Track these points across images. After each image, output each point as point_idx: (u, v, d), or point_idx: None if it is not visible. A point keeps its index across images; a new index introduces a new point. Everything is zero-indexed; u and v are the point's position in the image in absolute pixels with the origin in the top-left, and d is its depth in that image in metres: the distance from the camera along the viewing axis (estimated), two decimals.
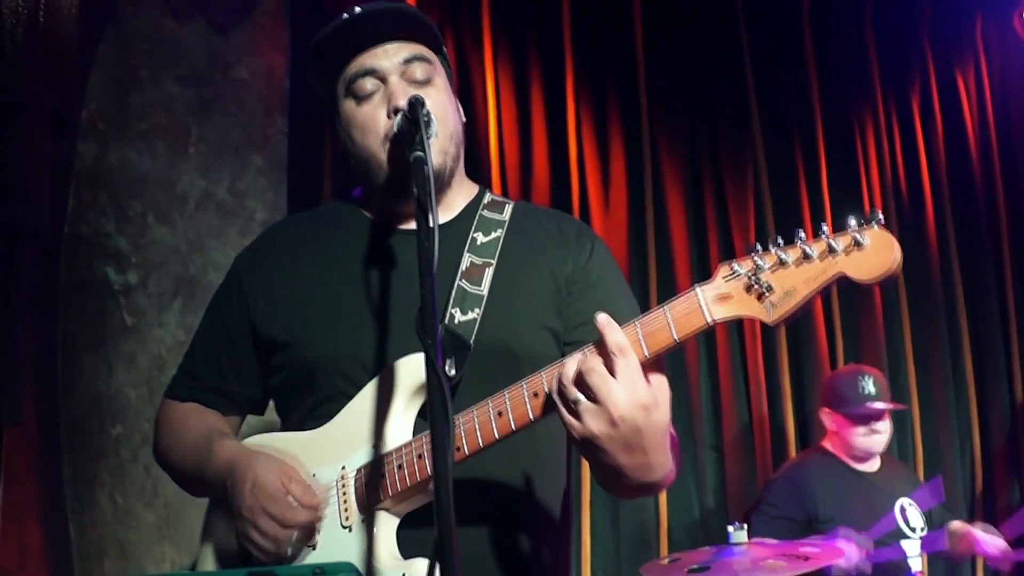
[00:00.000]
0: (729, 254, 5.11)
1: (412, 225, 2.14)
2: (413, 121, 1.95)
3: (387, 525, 1.99)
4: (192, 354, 2.36)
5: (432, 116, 2.00)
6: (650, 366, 1.80)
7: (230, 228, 4.32)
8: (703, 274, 5.04)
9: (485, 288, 2.13)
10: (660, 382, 1.84)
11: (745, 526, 3.60)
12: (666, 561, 3.73)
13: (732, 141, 5.26)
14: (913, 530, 4.42)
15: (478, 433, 1.91)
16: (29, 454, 3.74)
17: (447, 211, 2.24)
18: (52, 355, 3.98)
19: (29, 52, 3.42)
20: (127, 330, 4.17)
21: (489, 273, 2.15)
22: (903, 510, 4.45)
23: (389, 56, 2.15)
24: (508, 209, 2.29)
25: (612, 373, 1.74)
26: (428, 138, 1.91)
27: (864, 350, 5.28)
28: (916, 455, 5.29)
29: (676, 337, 1.79)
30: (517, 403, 1.88)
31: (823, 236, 1.74)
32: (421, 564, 1.91)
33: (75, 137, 4.08)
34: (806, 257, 1.74)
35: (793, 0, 5.51)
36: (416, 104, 1.95)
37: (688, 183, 5.16)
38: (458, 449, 1.91)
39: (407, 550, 1.97)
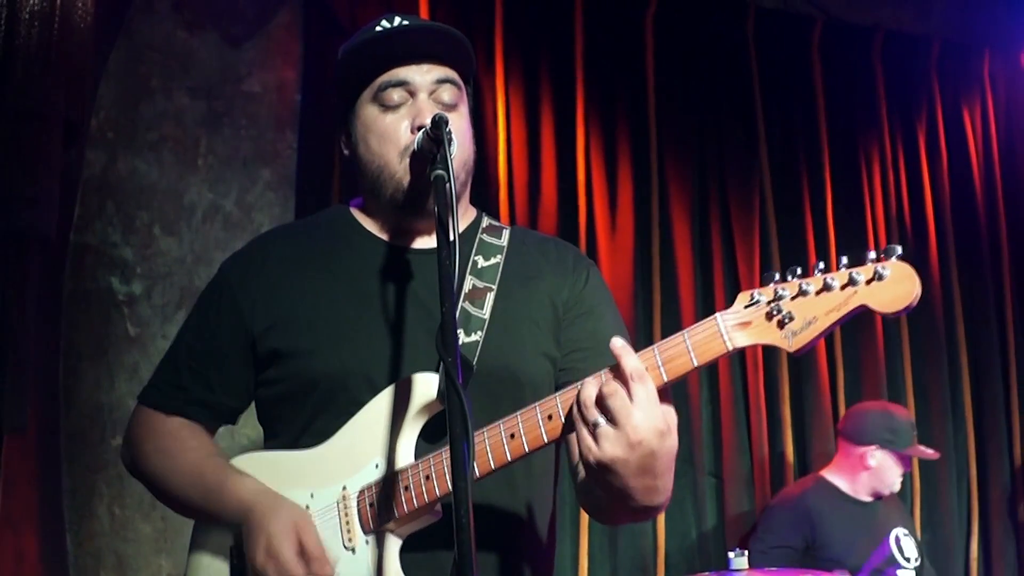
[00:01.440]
0: (733, 281, 5.13)
1: (417, 244, 2.20)
2: (436, 140, 1.95)
3: (392, 547, 1.99)
4: (175, 363, 2.27)
5: (455, 137, 1.99)
6: (660, 394, 1.80)
7: (236, 241, 4.31)
8: (707, 300, 5.08)
9: (487, 312, 2.13)
10: (669, 410, 1.84)
11: (746, 553, 3.60)
12: None
13: (740, 170, 5.28)
14: (907, 560, 4.46)
15: (489, 456, 1.91)
16: (29, 463, 3.71)
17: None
18: (54, 364, 3.97)
19: (43, 59, 3.41)
20: (130, 341, 4.17)
21: (490, 298, 2.15)
22: (898, 540, 4.49)
23: (423, 74, 2.14)
24: (506, 234, 2.29)
25: (630, 398, 1.74)
26: (450, 156, 1.91)
27: (865, 382, 5.29)
28: (914, 488, 5.29)
29: (696, 363, 1.80)
30: (531, 426, 1.88)
31: (843, 268, 1.76)
32: None
33: (84, 145, 4.08)
34: (827, 287, 1.75)
35: (803, 33, 5.55)
36: (440, 122, 1.95)
37: (695, 210, 5.17)
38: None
39: (410, 572, 1.97)
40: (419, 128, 2.07)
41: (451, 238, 1.80)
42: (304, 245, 2.25)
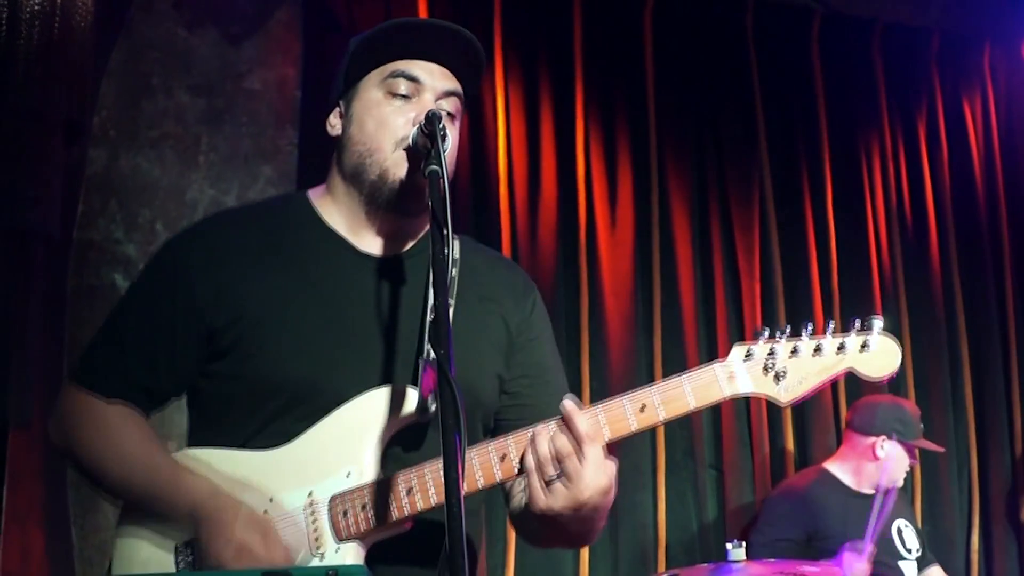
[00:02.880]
0: (734, 276, 5.14)
1: (384, 250, 2.18)
2: (429, 135, 1.96)
3: (359, 555, 2.00)
4: (120, 343, 2.15)
5: (448, 134, 2.00)
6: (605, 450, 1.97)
7: None
8: (707, 295, 5.09)
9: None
10: (611, 466, 1.97)
11: (744, 544, 3.62)
12: None
13: (739, 164, 5.29)
14: (909, 551, 4.48)
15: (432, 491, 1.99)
16: (34, 457, 3.75)
17: (409, 240, 2.22)
18: (59, 360, 4.00)
19: (44, 58, 3.44)
20: None
21: (449, 313, 2.13)
22: (900, 531, 4.50)
23: (435, 77, 2.14)
24: (456, 246, 2.22)
25: (581, 458, 1.91)
26: (443, 152, 1.92)
27: None
28: (914, 480, 5.30)
29: (693, 406, 2.01)
30: (484, 464, 2.00)
31: (833, 335, 2.00)
32: None
33: (86, 144, 4.11)
34: (819, 350, 2.00)
35: (802, 25, 5.55)
36: (433, 117, 1.95)
37: (695, 205, 5.18)
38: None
39: None
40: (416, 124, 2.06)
41: (446, 236, 1.83)
42: (266, 237, 2.19)
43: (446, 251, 1.84)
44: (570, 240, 4.87)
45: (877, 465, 4.48)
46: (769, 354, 2.00)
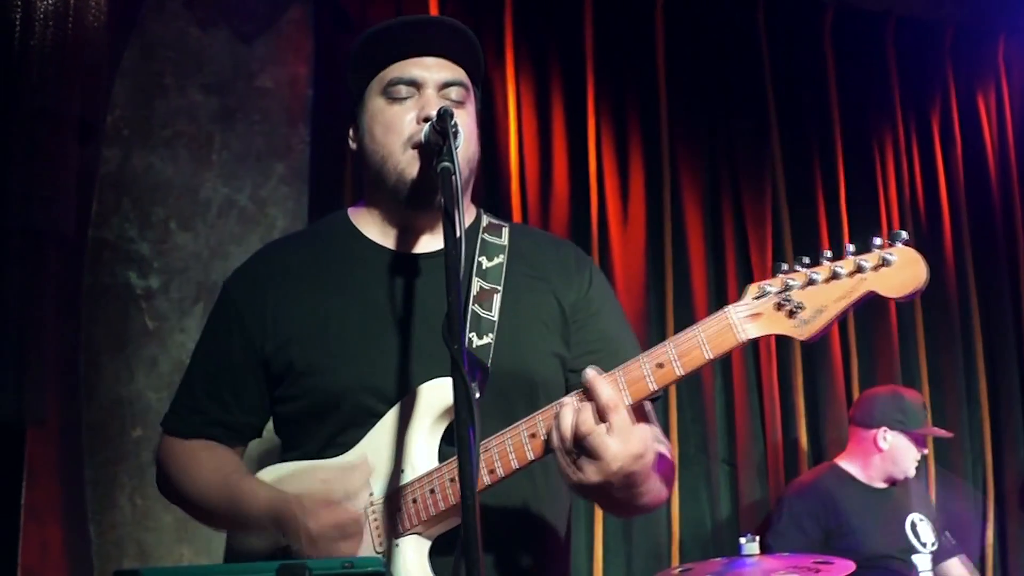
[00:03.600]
0: (746, 270, 5.13)
1: (420, 247, 2.23)
2: (441, 132, 1.97)
3: (420, 549, 2.04)
4: (191, 387, 2.31)
5: (460, 129, 2.02)
6: (634, 413, 1.90)
7: (251, 235, 4.36)
8: (719, 289, 5.09)
9: (495, 314, 2.17)
10: (643, 428, 1.91)
11: (757, 538, 3.62)
12: (677, 571, 3.78)
13: (752, 157, 5.27)
14: (924, 545, 4.47)
15: (499, 462, 1.99)
16: (51, 455, 3.78)
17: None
18: (74, 358, 4.03)
19: (58, 59, 3.46)
20: (149, 334, 4.22)
21: (497, 299, 2.19)
22: (914, 525, 4.49)
23: (431, 71, 2.18)
24: (505, 232, 2.32)
25: (608, 428, 1.83)
26: (455, 148, 1.94)
27: (879, 369, 5.28)
28: (929, 475, 5.28)
29: (710, 356, 1.89)
30: (516, 444, 1.97)
31: (850, 256, 1.83)
32: None
33: (100, 143, 4.13)
34: (835, 276, 1.84)
35: (815, 19, 5.52)
36: (445, 115, 1.97)
37: (707, 199, 5.17)
38: (492, 471, 1.98)
39: (440, 573, 2.02)
40: (425, 120, 2.09)
41: (457, 231, 1.84)
42: (308, 258, 2.27)
43: (457, 247, 1.85)
44: (582, 236, 4.86)
45: (883, 457, 4.48)
46: (783, 289, 1.86)
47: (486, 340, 2.13)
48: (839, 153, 5.43)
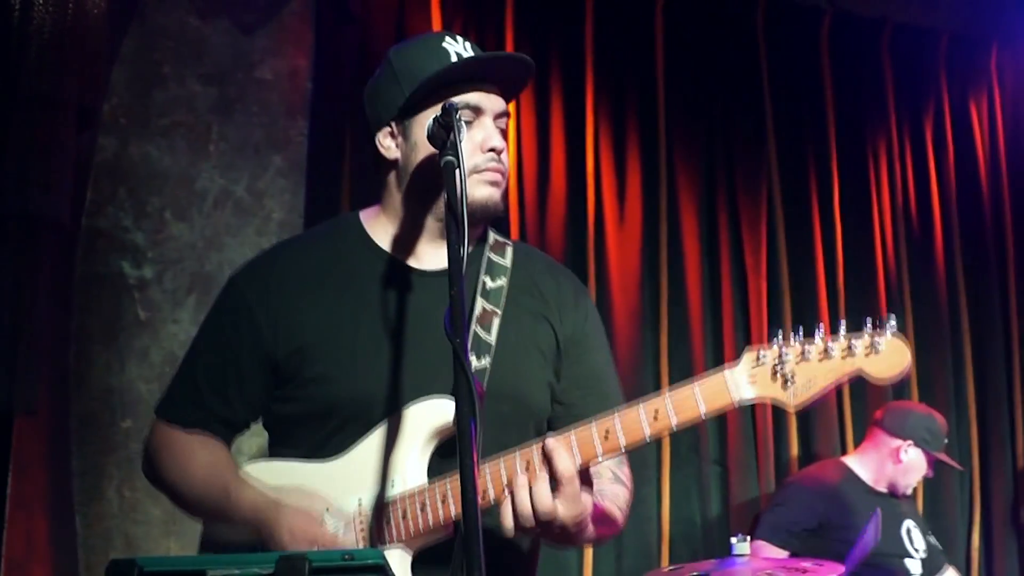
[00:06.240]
0: (740, 272, 5.16)
1: (432, 265, 2.24)
2: (445, 126, 1.98)
3: (404, 561, 2.08)
4: (193, 377, 2.31)
5: (463, 125, 2.04)
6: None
7: (247, 227, 4.34)
8: (714, 291, 5.11)
9: (493, 337, 2.20)
10: (587, 498, 2.05)
11: (748, 538, 3.63)
12: (668, 569, 3.79)
13: (748, 161, 5.30)
14: (916, 551, 4.53)
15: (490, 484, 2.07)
16: (40, 445, 3.76)
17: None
18: (65, 347, 4.00)
19: (58, 44, 3.45)
20: (141, 325, 4.19)
21: (496, 322, 2.22)
22: (908, 531, 4.56)
23: (493, 101, 2.22)
24: (509, 253, 2.33)
25: (557, 493, 1.97)
26: (460, 142, 1.94)
27: None
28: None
29: (704, 413, 2.01)
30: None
31: (843, 337, 1.99)
32: None
33: (97, 130, 4.11)
34: (827, 354, 1.99)
35: (812, 24, 5.56)
36: (450, 109, 1.97)
37: (703, 201, 5.20)
38: (482, 495, 2.03)
39: None
40: (491, 150, 2.18)
41: (461, 223, 1.85)
42: (320, 263, 2.29)
43: (460, 242, 1.86)
44: (578, 235, 4.88)
45: (897, 468, 4.56)
46: (778, 359, 1.99)
47: (483, 363, 2.17)
48: (833, 156, 5.47)
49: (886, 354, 1.98)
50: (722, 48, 5.38)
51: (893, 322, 2.00)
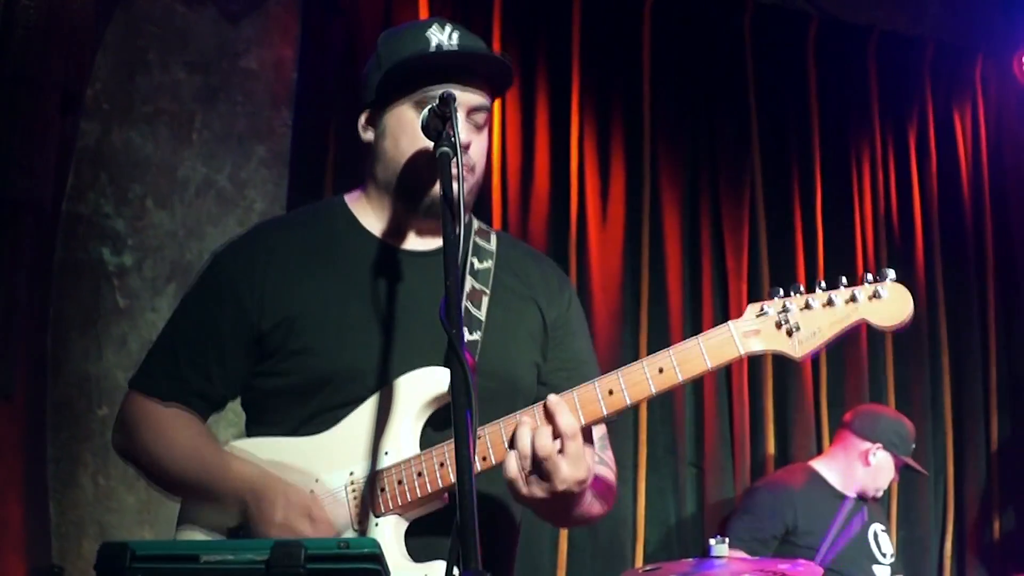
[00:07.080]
0: (721, 274, 5.17)
1: (416, 246, 2.27)
2: (440, 116, 1.98)
3: (398, 530, 2.08)
4: (172, 351, 2.27)
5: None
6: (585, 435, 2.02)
7: (229, 217, 4.33)
8: (695, 292, 5.11)
9: (483, 314, 2.23)
10: (589, 452, 2.05)
11: (726, 540, 3.64)
12: (644, 571, 3.78)
13: (731, 164, 5.31)
14: (884, 555, 4.55)
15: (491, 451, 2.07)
16: (15, 431, 3.72)
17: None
18: (42, 332, 3.97)
19: (43, 28, 3.42)
20: (119, 312, 4.17)
21: (485, 301, 2.25)
22: (876, 536, 4.57)
23: (465, 98, 2.18)
24: (493, 239, 2.38)
25: (561, 451, 1.96)
26: (456, 134, 1.94)
27: (847, 379, 5.34)
28: (891, 485, 5.32)
29: (709, 366, 2.02)
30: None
31: (843, 286, 2.01)
32: (439, 566, 2.01)
33: (79, 115, 4.07)
34: (831, 303, 2.01)
35: (799, 30, 5.57)
36: (448, 99, 1.97)
37: (686, 203, 5.21)
38: (484, 459, 2.05)
39: (415, 554, 2.07)
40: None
41: (457, 213, 1.87)
42: (306, 240, 2.29)
43: (456, 232, 1.87)
44: (561, 234, 4.88)
45: (866, 471, 4.55)
46: (782, 310, 2.01)
47: (474, 336, 2.19)
48: (817, 162, 5.49)
49: (889, 300, 1.99)
50: (708, 51, 5.39)
51: (893, 273, 2.02)
